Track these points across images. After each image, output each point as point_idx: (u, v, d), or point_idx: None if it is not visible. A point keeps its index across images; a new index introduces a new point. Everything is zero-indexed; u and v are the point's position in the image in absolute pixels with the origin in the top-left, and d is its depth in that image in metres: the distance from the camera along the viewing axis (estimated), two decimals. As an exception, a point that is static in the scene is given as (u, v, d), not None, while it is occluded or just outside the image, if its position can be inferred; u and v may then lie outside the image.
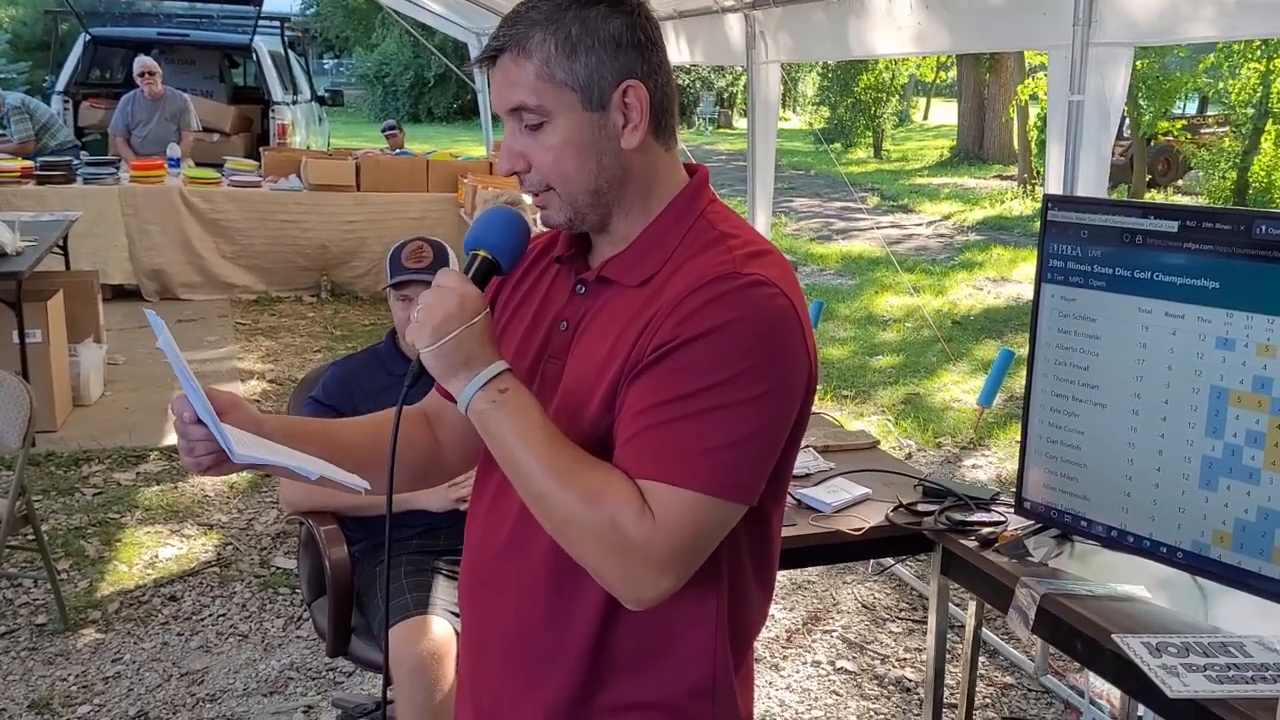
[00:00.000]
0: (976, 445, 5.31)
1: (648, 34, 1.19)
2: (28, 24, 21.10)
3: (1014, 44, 3.45)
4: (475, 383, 1.13)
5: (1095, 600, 2.04)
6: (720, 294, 1.12)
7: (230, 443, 1.15)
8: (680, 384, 1.10)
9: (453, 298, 1.14)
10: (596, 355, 1.19)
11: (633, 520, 1.09)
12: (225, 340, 6.65)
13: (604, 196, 1.20)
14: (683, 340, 1.11)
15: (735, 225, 1.23)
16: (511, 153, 1.20)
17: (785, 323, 1.14)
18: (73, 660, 3.15)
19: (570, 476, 1.11)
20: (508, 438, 1.13)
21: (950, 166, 20.19)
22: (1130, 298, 2.06)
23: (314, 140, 11.40)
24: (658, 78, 1.20)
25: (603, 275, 1.23)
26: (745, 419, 1.11)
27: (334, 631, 2.43)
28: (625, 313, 1.18)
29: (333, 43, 35.84)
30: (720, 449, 1.10)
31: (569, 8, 1.17)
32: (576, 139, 1.17)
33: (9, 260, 4.64)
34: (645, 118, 1.18)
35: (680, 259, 1.19)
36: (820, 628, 3.52)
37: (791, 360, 1.15)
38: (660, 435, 1.11)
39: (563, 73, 1.15)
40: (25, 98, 8.50)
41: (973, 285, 9.43)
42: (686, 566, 1.12)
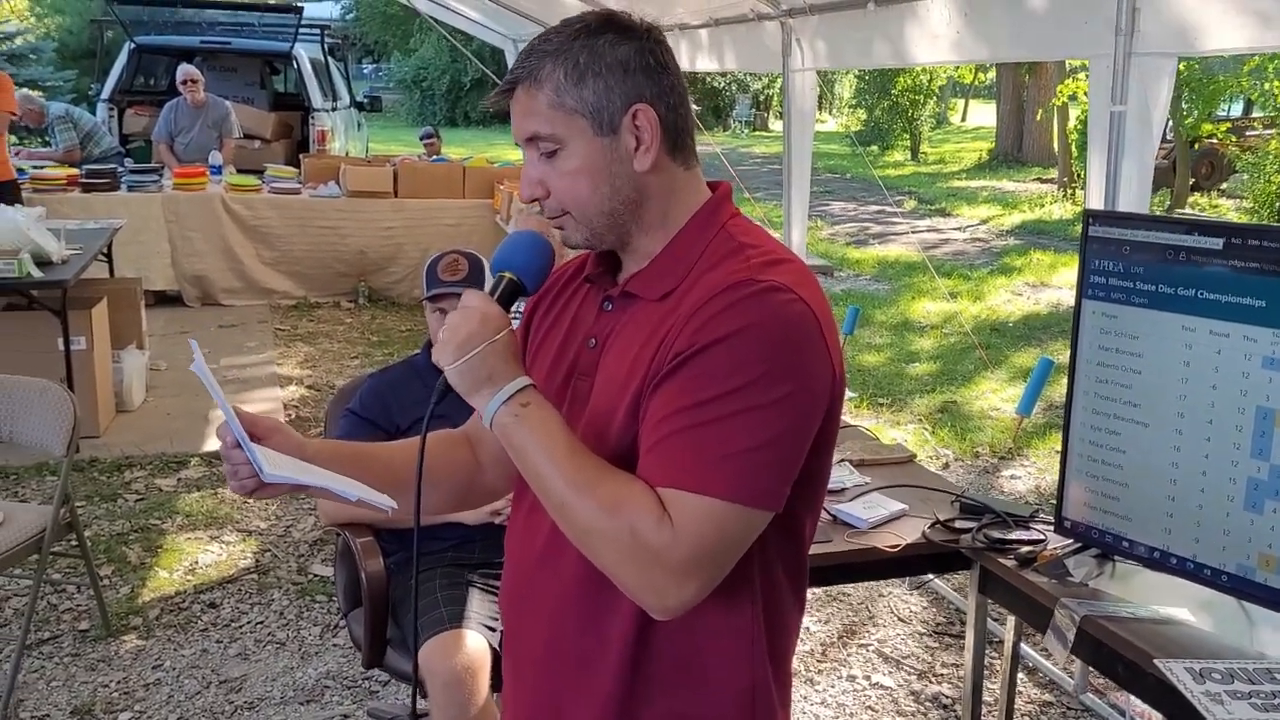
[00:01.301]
0: (1015, 455, 5.25)
1: (657, 58, 1.22)
2: (74, 33, 21.48)
3: (1054, 54, 3.41)
4: (499, 397, 1.17)
5: (1137, 623, 2.00)
6: (735, 300, 1.14)
7: (262, 463, 1.19)
8: (698, 390, 1.12)
9: (475, 316, 1.18)
10: (621, 369, 1.22)
11: (652, 528, 1.10)
12: (265, 346, 6.72)
13: (619, 218, 1.24)
14: (700, 347, 1.13)
15: (756, 237, 1.25)
16: (530, 180, 1.25)
17: (803, 327, 1.15)
18: (114, 666, 3.19)
19: (590, 486, 1.13)
20: (529, 450, 1.16)
21: (989, 169, 20.00)
22: (1173, 315, 2.02)
23: (353, 146, 11.51)
24: (669, 100, 1.22)
25: (627, 290, 1.26)
26: (765, 424, 1.12)
27: (369, 643, 2.44)
28: (647, 326, 1.21)
29: (372, 48, 36.18)
30: (740, 454, 1.11)
31: (577, 37, 1.21)
32: (589, 164, 1.21)
33: (54, 269, 4.72)
34: (656, 140, 1.21)
35: (700, 271, 1.21)
36: (856, 641, 3.49)
37: (811, 365, 1.15)
38: (679, 442, 1.12)
39: (572, 100, 1.19)
40: (69, 107, 8.65)
41: (1011, 291, 9.33)
42: (710, 574, 1.13)
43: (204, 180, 7.67)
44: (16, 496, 4.30)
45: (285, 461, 1.24)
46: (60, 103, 8.78)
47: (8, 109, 6.60)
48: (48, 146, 8.51)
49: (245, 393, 5.75)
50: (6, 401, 3.13)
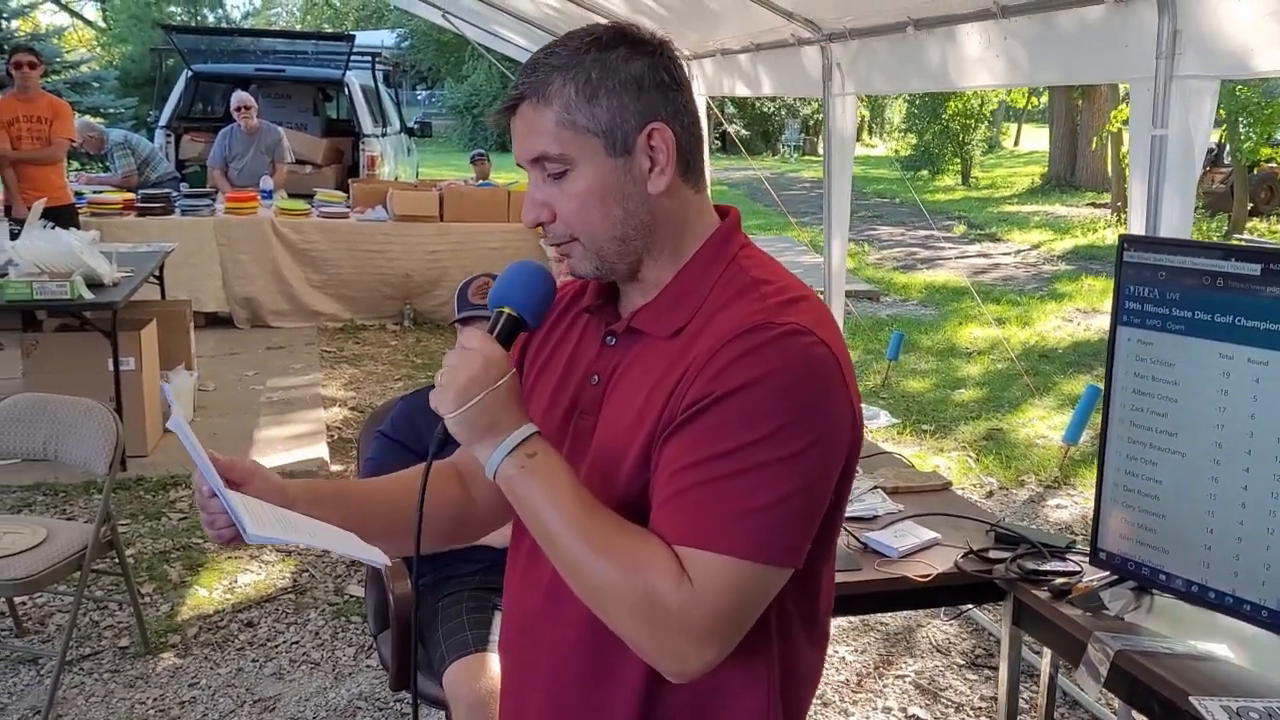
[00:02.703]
0: (1061, 484, 5.15)
1: (671, 74, 1.16)
2: (136, 61, 22.05)
3: (1095, 77, 3.36)
4: (502, 449, 1.09)
5: (1173, 658, 1.95)
6: (755, 346, 1.07)
7: (244, 520, 1.11)
8: (716, 442, 1.05)
9: (476, 360, 1.10)
10: (628, 412, 1.15)
11: (670, 589, 1.03)
12: (311, 367, 6.81)
13: (631, 244, 1.16)
14: (717, 396, 1.06)
15: (769, 270, 1.18)
16: (535, 203, 1.17)
17: (826, 373, 1.09)
18: (151, 684, 3.23)
19: (603, 543, 1.06)
20: (537, 504, 1.09)
21: (1041, 194, 19.77)
22: (1211, 342, 1.98)
23: (403, 171, 11.67)
24: (683, 118, 1.16)
25: (632, 326, 1.19)
26: (786, 477, 1.05)
27: (397, 665, 2.45)
28: (657, 367, 1.14)
29: (425, 75, 36.72)
30: (760, 510, 1.05)
31: (588, 51, 1.13)
32: (601, 186, 1.13)
33: (106, 291, 4.82)
34: (672, 160, 1.15)
35: (712, 308, 1.14)
36: (892, 672, 3.43)
37: (834, 412, 1.09)
38: (697, 498, 1.05)
39: (584, 118, 1.12)
40: (128, 134, 8.89)
41: (1061, 317, 9.19)
42: (729, 636, 1.06)
43: (255, 204, 7.82)
44: (64, 514, 4.38)
45: (269, 515, 1.16)
46: (119, 130, 9.04)
47: (67, 136, 6.80)
48: (107, 172, 8.75)
49: (289, 414, 5.82)
50: (52, 421, 3.19)
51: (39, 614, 3.63)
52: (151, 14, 25.41)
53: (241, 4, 39.74)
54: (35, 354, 4.87)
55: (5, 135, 6.50)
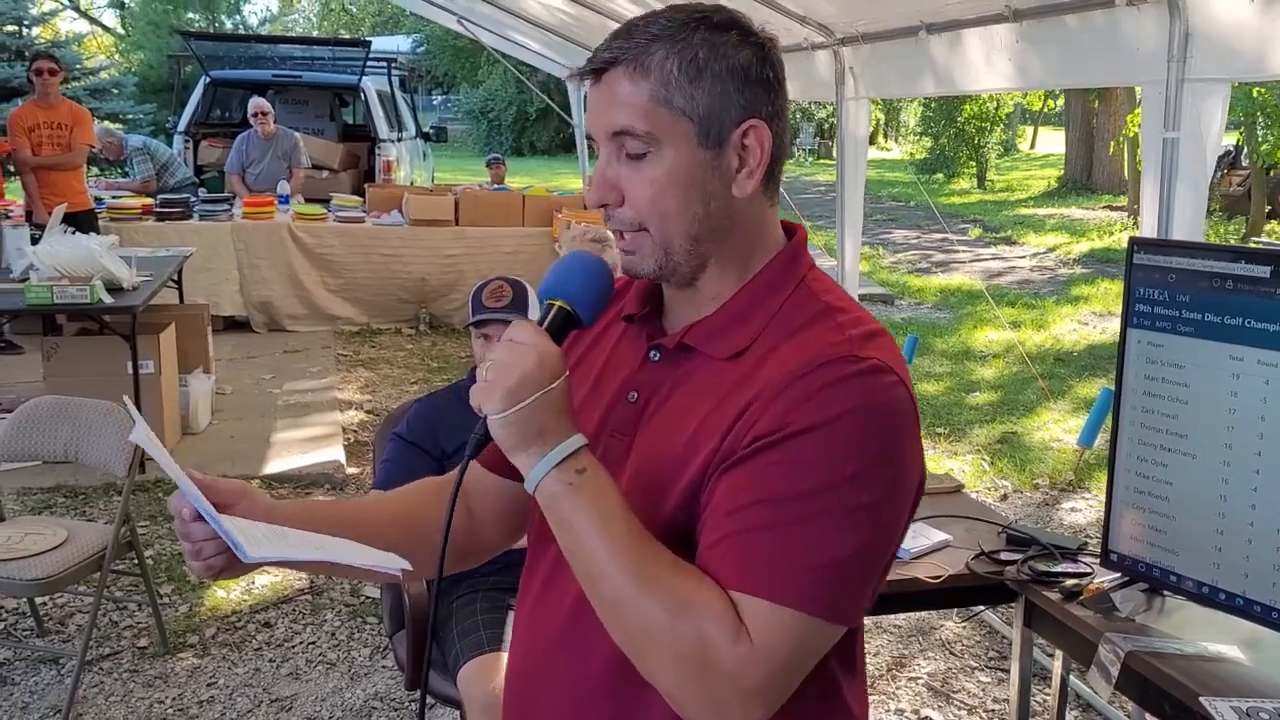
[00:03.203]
0: (1076, 487, 5.14)
1: (776, 73, 1.06)
2: (154, 68, 22.26)
3: (1107, 80, 3.37)
4: (549, 459, 0.98)
5: (1184, 660, 1.95)
6: (835, 380, 0.97)
7: (239, 542, 1.01)
8: (786, 483, 0.96)
9: (530, 356, 0.98)
10: (678, 438, 1.04)
11: (726, 640, 0.93)
12: (327, 371, 6.86)
13: (702, 246, 1.06)
14: (791, 432, 0.96)
15: (840, 297, 1.09)
16: (605, 182, 1.05)
17: (905, 417, 1.00)
18: (170, 683, 3.27)
19: (654, 580, 0.95)
20: (581, 528, 0.97)
21: (1057, 197, 19.69)
22: (1220, 344, 1.98)
23: (418, 175, 11.73)
24: (779, 122, 1.06)
25: (685, 343, 1.08)
26: (859, 528, 0.96)
27: (412, 665, 2.47)
28: (713, 391, 1.03)
29: (441, 80, 36.88)
30: (831, 564, 0.95)
31: (696, 28, 1.02)
32: (684, 176, 1.03)
33: (125, 295, 4.88)
34: (763, 164, 1.05)
35: (780, 332, 1.04)
36: (905, 673, 3.44)
37: (910, 461, 1.00)
38: (761, 541, 0.96)
39: (682, 98, 1.01)
40: (147, 140, 8.98)
41: (1077, 320, 9.16)
42: (779, 695, 0.97)
43: (272, 209, 7.89)
44: (85, 515, 4.43)
45: (264, 535, 1.06)
46: (138, 136, 9.13)
47: (87, 142, 6.87)
48: (126, 177, 8.85)
49: (305, 417, 5.87)
50: (73, 423, 3.24)
51: (60, 614, 3.67)
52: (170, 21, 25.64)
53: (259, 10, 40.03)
54: (56, 357, 4.92)
55: (26, 141, 6.58)
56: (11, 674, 3.30)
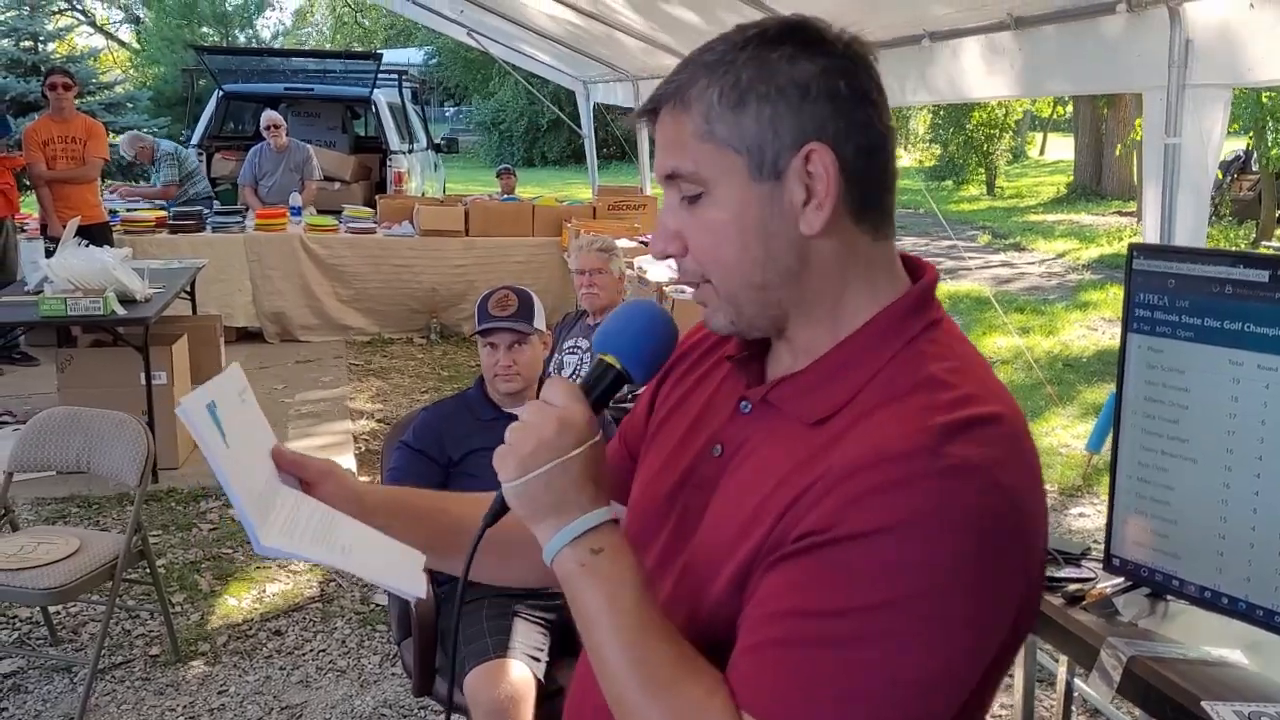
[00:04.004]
0: (1084, 492, 5.13)
1: (852, 82, 0.91)
2: (169, 81, 22.44)
3: (1108, 86, 3.38)
4: (563, 535, 0.91)
5: (1187, 664, 1.96)
6: (901, 480, 0.82)
7: (256, 529, 0.98)
8: (825, 594, 0.82)
9: (550, 422, 0.91)
10: (739, 512, 0.92)
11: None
12: (339, 380, 6.90)
13: (773, 294, 0.93)
14: (839, 535, 0.82)
15: (955, 365, 0.91)
16: (666, 231, 0.96)
17: (993, 532, 0.82)
18: (181, 691, 3.30)
19: (659, 683, 0.86)
20: (591, 612, 0.90)
21: (1067, 203, 19.66)
22: (1220, 349, 1.99)
23: (430, 186, 11.79)
24: (860, 140, 0.91)
25: (768, 399, 0.96)
26: (907, 662, 0.81)
27: (418, 671, 2.49)
28: (787, 460, 0.91)
29: (453, 91, 37.07)
30: (863, 697, 0.81)
31: (746, 46, 0.92)
32: (740, 217, 0.91)
33: (138, 306, 4.93)
34: (833, 192, 0.90)
35: (871, 401, 0.89)
36: (913, 680, 3.44)
37: (994, 584, 0.83)
38: (783, 658, 0.83)
39: (725, 129, 0.90)
40: (178, 146, 9.09)
41: (1087, 326, 9.14)
42: None
43: (284, 221, 7.95)
44: (98, 525, 4.47)
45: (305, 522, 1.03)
46: (170, 142, 9.25)
47: (101, 155, 6.95)
48: (148, 183, 9.00)
49: (317, 426, 5.91)
50: (85, 434, 3.28)
51: (72, 623, 3.71)
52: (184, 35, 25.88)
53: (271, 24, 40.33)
54: (70, 369, 4.97)
55: (41, 156, 6.66)
56: (25, 682, 3.33)
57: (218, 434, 1.00)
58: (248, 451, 1.05)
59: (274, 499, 1.04)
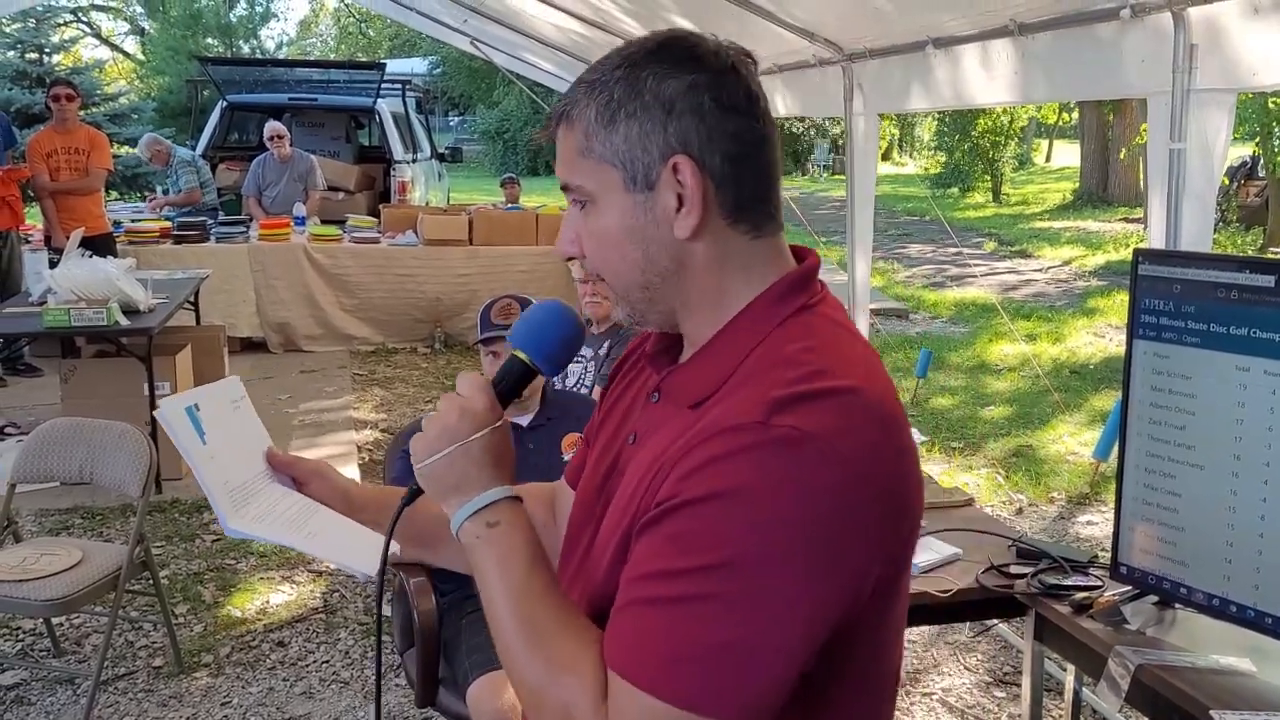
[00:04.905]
0: (1091, 500, 5.10)
1: (720, 96, 0.97)
2: (173, 92, 22.51)
3: (1112, 92, 3.37)
4: (465, 510, 1.01)
5: (1195, 673, 1.94)
6: (733, 450, 0.88)
7: (224, 514, 1.11)
8: (669, 556, 0.89)
9: (454, 411, 1.02)
10: (628, 489, 1.01)
11: (586, 713, 0.91)
12: (343, 390, 6.90)
13: (657, 292, 1.02)
14: (679, 502, 0.90)
15: (812, 344, 0.96)
16: (566, 236, 1.05)
17: (822, 500, 0.87)
18: (185, 703, 3.28)
19: (540, 639, 0.95)
20: (487, 577, 0.99)
21: (1073, 210, 19.63)
22: (1226, 355, 1.98)
23: (434, 196, 11.80)
24: (729, 149, 0.98)
25: (661, 388, 1.06)
26: (735, 620, 0.87)
27: (422, 681, 2.48)
28: (669, 442, 0.97)
29: (457, 101, 37.15)
30: (694, 653, 0.87)
31: (619, 66, 0.99)
32: (619, 224, 1.00)
33: (141, 317, 4.93)
34: (699, 200, 0.97)
35: (737, 381, 0.96)
36: (919, 689, 3.42)
37: (826, 551, 0.88)
38: (635, 617, 0.91)
39: (600, 145, 0.98)
40: (194, 154, 9.09)
41: (1093, 333, 9.11)
42: None
43: (288, 231, 7.96)
44: (101, 536, 4.46)
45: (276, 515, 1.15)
46: (186, 149, 9.25)
47: (104, 166, 6.96)
48: (164, 192, 9.03)
49: (321, 436, 5.90)
50: (88, 445, 3.27)
51: (75, 634, 3.70)
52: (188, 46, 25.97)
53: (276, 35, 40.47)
54: (73, 379, 4.97)
55: (44, 167, 6.68)
56: (28, 694, 3.32)
57: (194, 433, 1.12)
58: (231, 451, 1.16)
59: (257, 493, 1.15)
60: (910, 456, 0.96)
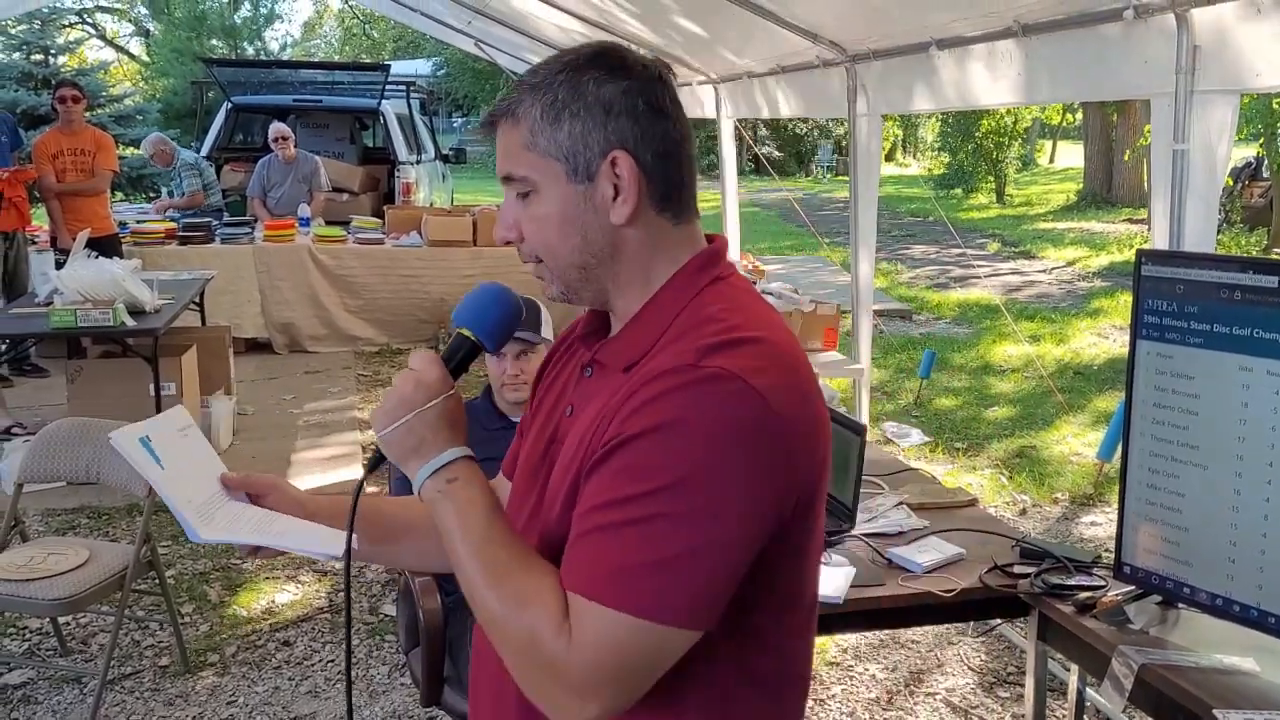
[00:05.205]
0: (1095, 501, 5.11)
1: (650, 100, 1.11)
2: (178, 94, 22.55)
3: (1115, 93, 3.38)
4: (425, 470, 1.11)
5: (1198, 672, 1.94)
6: (670, 388, 1.02)
7: (190, 525, 1.19)
8: (616, 487, 1.02)
9: (409, 381, 1.13)
10: (571, 448, 1.13)
11: (550, 634, 1.00)
12: (347, 391, 6.91)
13: (593, 272, 1.14)
14: (625, 437, 1.02)
15: (731, 306, 1.11)
16: (505, 222, 1.17)
17: (745, 427, 1.00)
18: (191, 702, 3.30)
19: (500, 576, 1.05)
20: (449, 528, 1.09)
21: (1076, 210, 19.61)
22: (1229, 355, 1.98)
23: (438, 197, 11.81)
24: (658, 147, 1.12)
25: (596, 359, 1.18)
26: (683, 534, 0.99)
27: (427, 680, 2.49)
28: (606, 401, 1.10)
29: (461, 102, 37.18)
30: (645, 567, 0.99)
31: (560, 71, 1.12)
32: (560, 212, 1.12)
33: (147, 318, 4.94)
34: (633, 191, 1.10)
35: (666, 342, 1.10)
36: (923, 689, 3.43)
37: (754, 471, 1.01)
38: (591, 543, 1.02)
39: (545, 141, 1.10)
40: (198, 156, 9.11)
41: (1097, 333, 9.11)
42: (615, 694, 1.01)
43: (292, 232, 7.97)
44: (108, 536, 4.48)
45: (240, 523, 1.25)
46: (190, 152, 9.26)
47: (110, 167, 6.98)
48: (170, 195, 9.05)
49: (326, 436, 5.91)
50: (95, 444, 3.28)
51: (82, 634, 3.71)
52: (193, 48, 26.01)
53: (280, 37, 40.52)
54: (80, 380, 4.99)
55: (50, 168, 6.69)
56: (35, 693, 3.34)
57: (151, 460, 1.21)
58: (189, 473, 1.26)
59: (220, 508, 1.25)
60: (818, 398, 1.09)
